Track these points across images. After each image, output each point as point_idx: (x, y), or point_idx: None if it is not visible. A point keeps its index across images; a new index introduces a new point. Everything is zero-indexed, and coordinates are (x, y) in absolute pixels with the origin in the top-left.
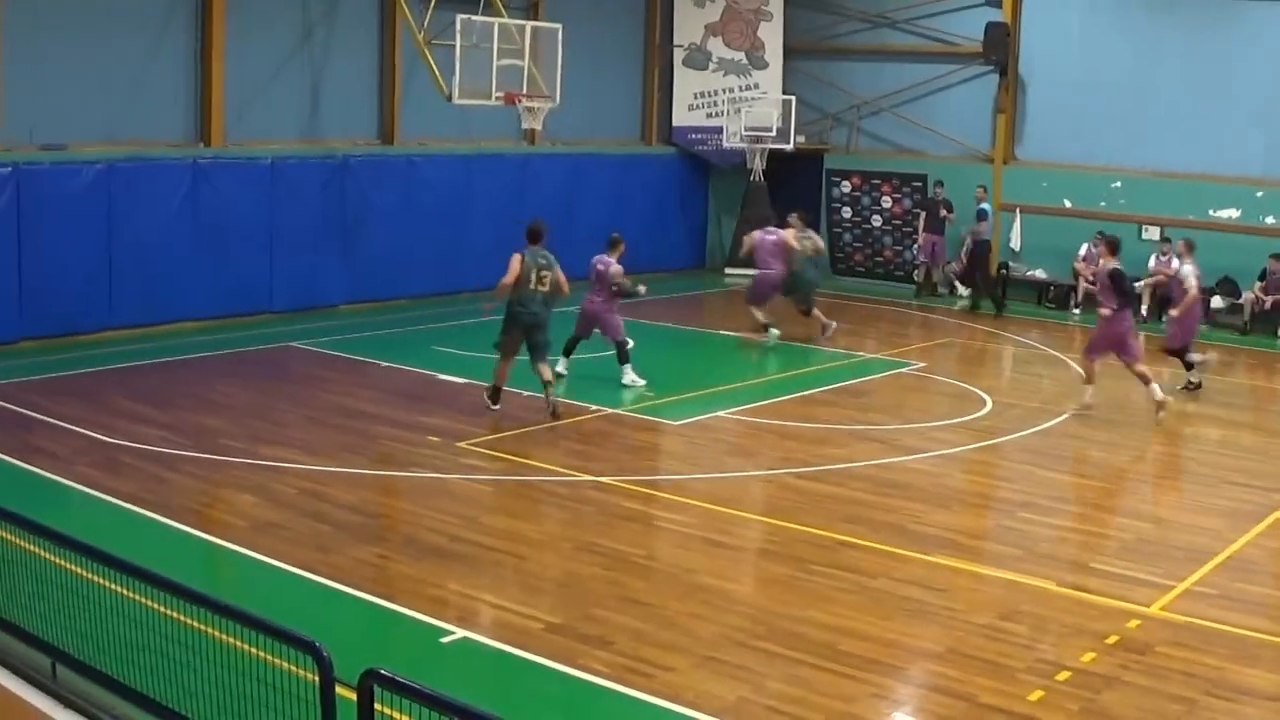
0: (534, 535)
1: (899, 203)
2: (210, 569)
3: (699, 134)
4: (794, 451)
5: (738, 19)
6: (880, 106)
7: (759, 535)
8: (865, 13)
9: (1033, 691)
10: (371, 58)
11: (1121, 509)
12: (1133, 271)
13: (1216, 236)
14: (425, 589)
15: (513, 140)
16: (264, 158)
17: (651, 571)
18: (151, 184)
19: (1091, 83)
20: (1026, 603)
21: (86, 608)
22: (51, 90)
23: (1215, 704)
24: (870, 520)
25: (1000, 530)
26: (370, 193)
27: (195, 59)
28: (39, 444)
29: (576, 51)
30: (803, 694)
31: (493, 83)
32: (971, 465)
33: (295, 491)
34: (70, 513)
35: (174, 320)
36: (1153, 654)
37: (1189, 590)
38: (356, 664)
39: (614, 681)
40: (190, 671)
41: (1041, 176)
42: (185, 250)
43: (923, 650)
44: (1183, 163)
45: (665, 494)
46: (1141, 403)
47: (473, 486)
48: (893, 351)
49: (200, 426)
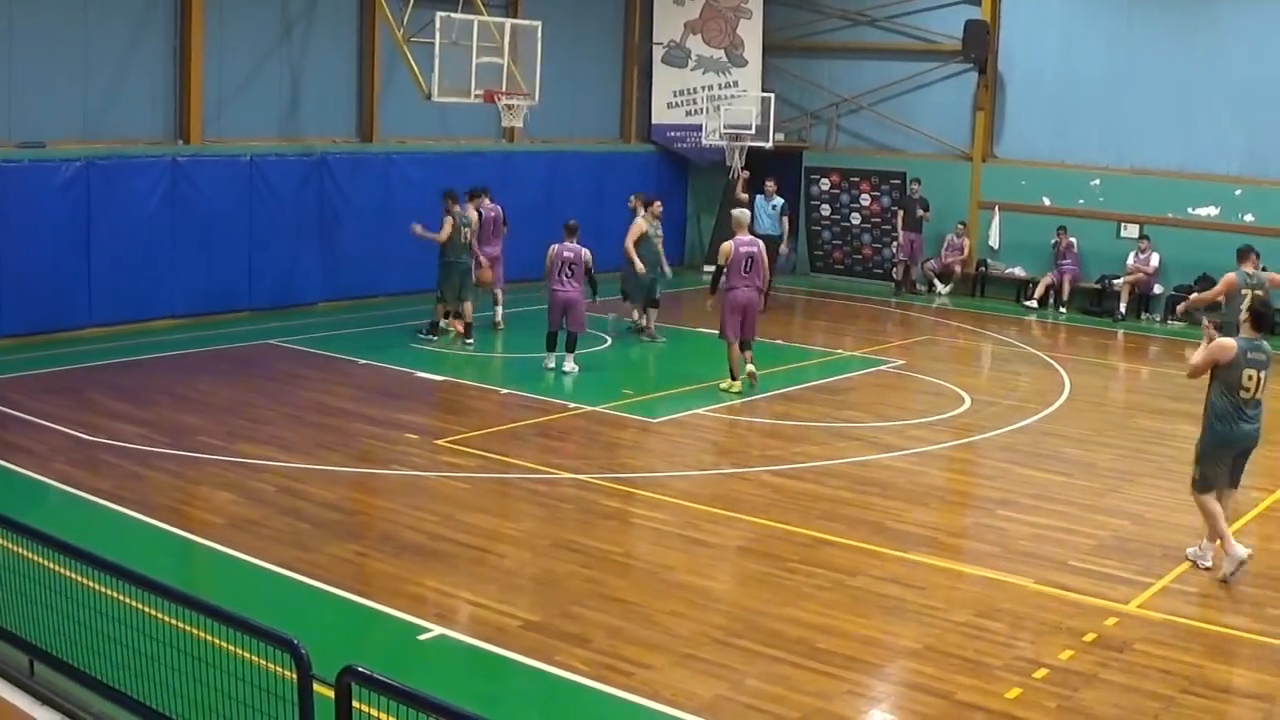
0: (512, 533)
1: (878, 200)
2: (188, 566)
3: (678, 132)
4: (772, 449)
5: (717, 17)
6: (859, 104)
7: (737, 533)
8: (845, 10)
9: (1011, 689)
10: (350, 55)
11: (1100, 507)
12: (1110, 270)
13: (1195, 234)
14: (403, 586)
15: (492, 138)
16: (243, 155)
17: (630, 569)
18: (130, 181)
19: (1071, 80)
20: (1005, 600)
21: (64, 605)
22: (29, 87)
23: (1193, 701)
24: (848, 518)
25: (979, 528)
26: (349, 190)
27: (174, 56)
28: (17, 441)
29: (556, 49)
30: (781, 691)
31: (472, 80)
32: (950, 463)
33: (273, 489)
34: (48, 510)
35: (153, 318)
36: (1131, 651)
37: (1167, 588)
38: (334, 661)
39: (592, 679)
40: (168, 669)
41: (1020, 174)
42: (164, 248)
43: (901, 648)
44: (1161, 160)
45: (643, 492)
46: (1120, 401)
47: (451, 484)
48: (871, 349)
49: (179, 424)
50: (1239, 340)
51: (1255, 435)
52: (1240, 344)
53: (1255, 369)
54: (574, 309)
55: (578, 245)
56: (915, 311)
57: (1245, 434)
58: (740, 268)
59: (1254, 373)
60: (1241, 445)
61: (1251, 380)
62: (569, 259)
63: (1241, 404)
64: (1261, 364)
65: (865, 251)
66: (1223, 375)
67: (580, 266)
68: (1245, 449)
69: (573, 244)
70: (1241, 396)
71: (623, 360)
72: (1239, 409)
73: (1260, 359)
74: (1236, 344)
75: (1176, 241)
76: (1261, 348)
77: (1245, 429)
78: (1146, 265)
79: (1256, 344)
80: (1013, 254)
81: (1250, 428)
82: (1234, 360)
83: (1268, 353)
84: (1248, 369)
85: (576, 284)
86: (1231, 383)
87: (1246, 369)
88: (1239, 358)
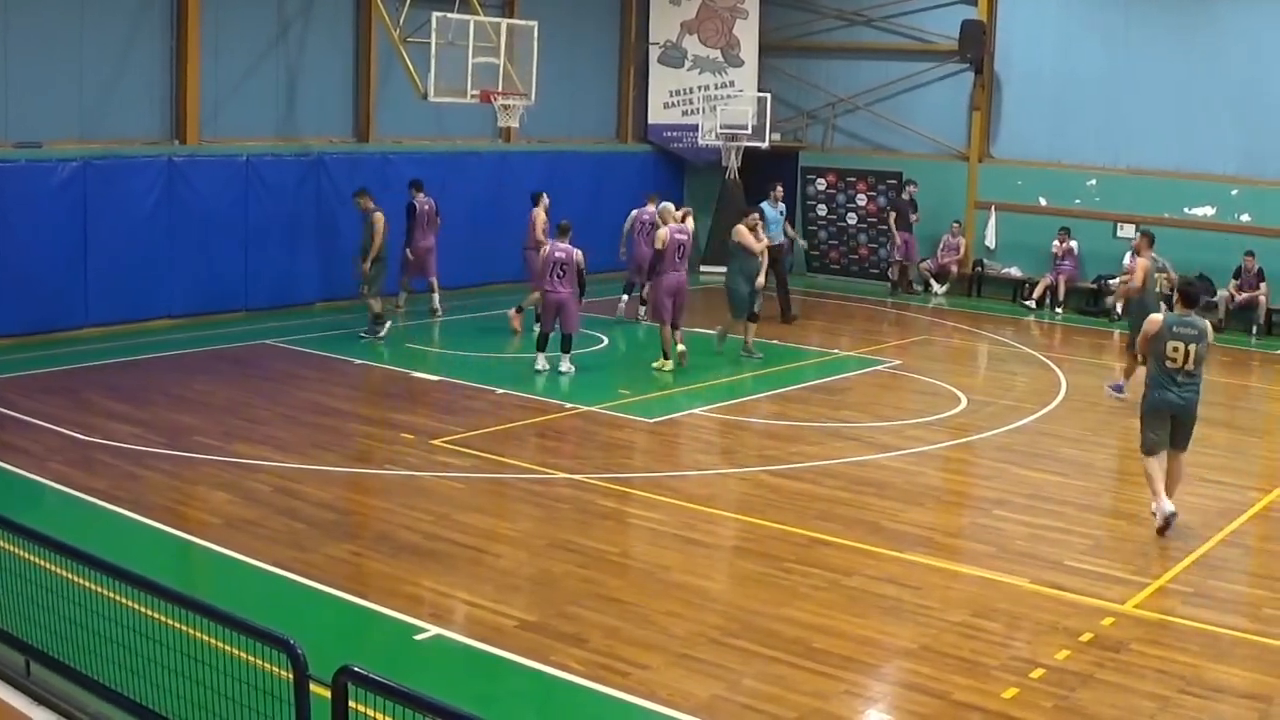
0: (508, 533)
1: (874, 200)
2: (184, 566)
3: (674, 132)
4: (769, 449)
5: (713, 17)
6: (856, 104)
7: (734, 533)
8: (841, 10)
9: (1007, 689)
10: (347, 55)
11: (1096, 507)
12: (1106, 270)
13: (1191, 234)
14: (400, 586)
15: (488, 138)
16: (239, 155)
17: (626, 569)
18: (127, 181)
19: (1067, 80)
20: (1001, 600)
21: (60, 605)
22: (26, 87)
23: (1189, 701)
24: (845, 518)
25: (975, 528)
26: (346, 191)
27: (171, 56)
28: (13, 441)
29: (552, 49)
30: (777, 691)
31: (468, 80)
32: (946, 463)
33: (269, 489)
34: (44, 510)
35: (149, 318)
36: (1127, 651)
37: (1163, 588)
38: (331, 661)
39: (588, 679)
40: (165, 669)
41: (1016, 174)
42: (161, 248)
43: (897, 648)
44: (1158, 160)
45: (640, 492)
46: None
47: (447, 484)
48: (867, 349)
49: (175, 424)
50: (1167, 315)
51: (1184, 403)
52: (1168, 318)
53: (1182, 341)
54: (565, 310)
55: (569, 246)
56: (911, 311)
57: (1172, 401)
58: (674, 254)
59: (1180, 345)
60: (1171, 411)
61: (1177, 352)
62: (560, 259)
63: (1170, 373)
64: (1190, 337)
65: (861, 251)
66: (1153, 346)
67: (572, 267)
68: (1178, 416)
69: (564, 244)
70: (1169, 366)
71: (619, 360)
72: (1169, 377)
73: (1189, 333)
74: (1163, 318)
75: (1173, 241)
76: (1191, 323)
77: (1171, 396)
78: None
79: (1186, 319)
80: (1009, 254)
81: (1176, 395)
82: (1159, 333)
83: (1199, 328)
84: (1173, 341)
85: (567, 285)
86: (1159, 353)
87: (1171, 341)
88: (1164, 330)
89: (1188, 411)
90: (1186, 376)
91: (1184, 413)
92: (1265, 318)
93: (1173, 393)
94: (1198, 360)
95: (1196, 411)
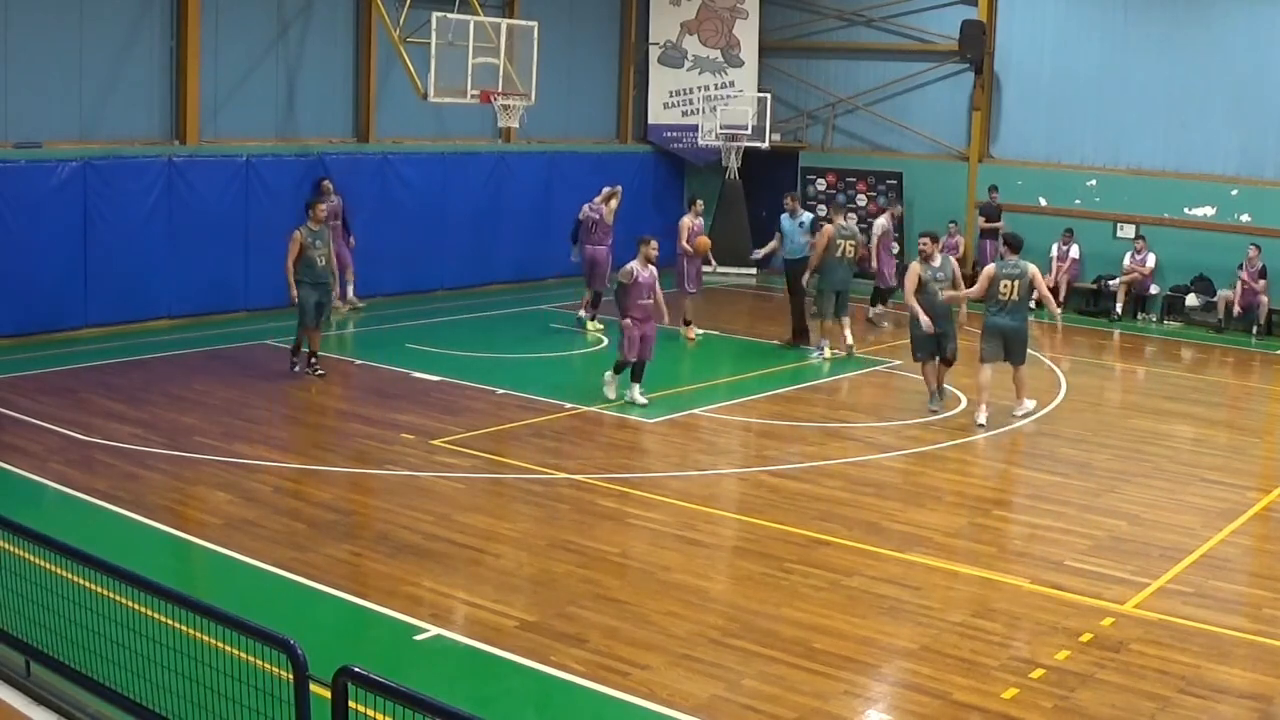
0: (508, 533)
1: (874, 201)
2: (185, 566)
3: (674, 132)
4: (768, 449)
5: (713, 17)
6: (856, 104)
7: (733, 533)
8: (841, 11)
9: (1007, 689)
10: (347, 55)
11: (1096, 507)
12: (1106, 270)
13: (1191, 234)
14: (399, 586)
15: (488, 138)
16: (239, 155)
17: (626, 569)
18: (127, 182)
19: (1067, 80)
20: (1001, 600)
21: (60, 605)
22: (26, 88)
23: (1189, 702)
24: (845, 518)
25: (974, 528)
26: (346, 191)
27: (171, 57)
28: (13, 442)
29: (552, 49)
30: (777, 692)
31: (468, 81)
32: (946, 463)
33: (270, 489)
34: (44, 510)
35: (149, 318)
36: (1127, 652)
37: (1163, 588)
38: (331, 661)
39: (588, 679)
40: (165, 669)
41: (1017, 174)
42: (161, 248)
43: (897, 648)
44: (1158, 161)
45: (640, 492)
46: (1116, 401)
47: (447, 484)
48: (867, 349)
49: (175, 424)
50: (997, 262)
51: (1013, 326)
52: (999, 265)
53: (1009, 279)
54: (650, 335)
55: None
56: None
57: (1002, 325)
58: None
59: (1008, 282)
60: (1004, 333)
61: (1007, 288)
62: (649, 284)
63: (1002, 304)
64: (1015, 276)
65: (861, 252)
66: (991, 289)
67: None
68: (1011, 336)
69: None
70: (999, 299)
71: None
72: (1000, 306)
73: (1014, 273)
74: (995, 265)
75: (1173, 241)
76: (1016, 264)
77: (1001, 321)
78: (1142, 265)
79: (1012, 263)
80: None
81: (1006, 320)
82: (995, 276)
83: (1021, 268)
84: (1003, 280)
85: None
86: (993, 291)
87: (1002, 280)
88: (997, 274)
89: (1019, 332)
90: (1014, 305)
91: (1015, 334)
92: (1266, 318)
93: (1004, 318)
94: (1021, 293)
95: (1027, 333)
